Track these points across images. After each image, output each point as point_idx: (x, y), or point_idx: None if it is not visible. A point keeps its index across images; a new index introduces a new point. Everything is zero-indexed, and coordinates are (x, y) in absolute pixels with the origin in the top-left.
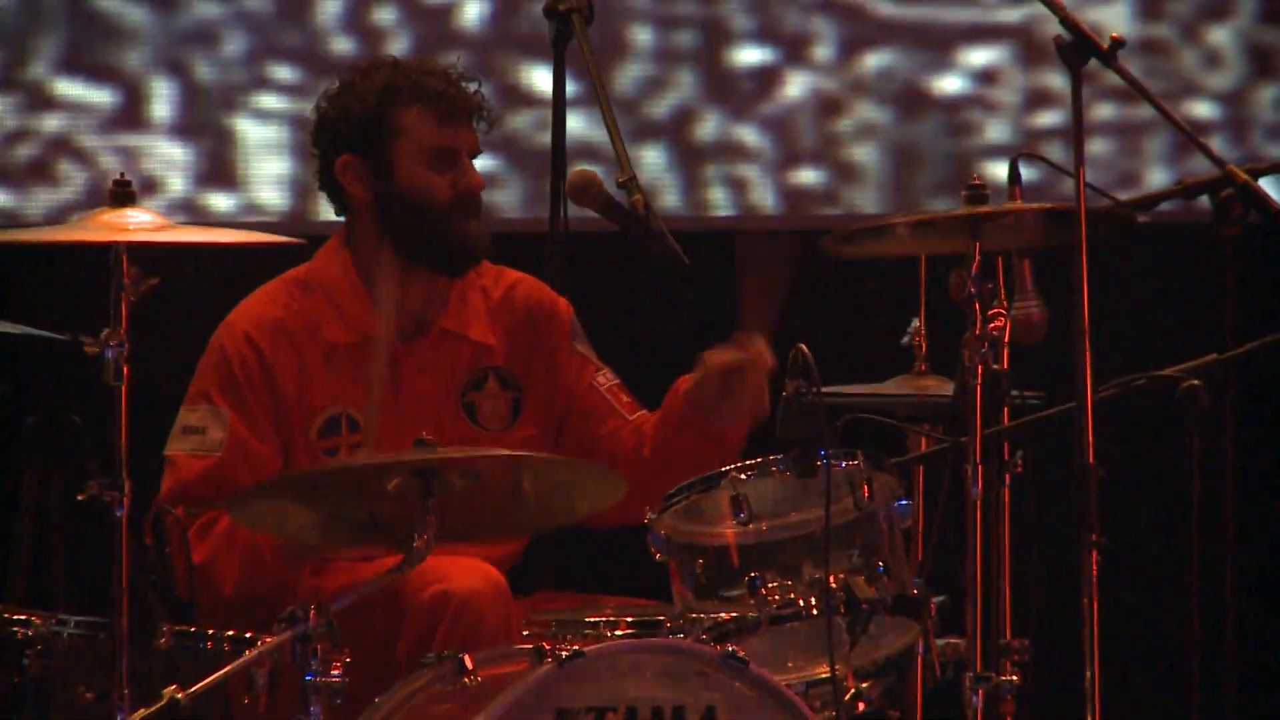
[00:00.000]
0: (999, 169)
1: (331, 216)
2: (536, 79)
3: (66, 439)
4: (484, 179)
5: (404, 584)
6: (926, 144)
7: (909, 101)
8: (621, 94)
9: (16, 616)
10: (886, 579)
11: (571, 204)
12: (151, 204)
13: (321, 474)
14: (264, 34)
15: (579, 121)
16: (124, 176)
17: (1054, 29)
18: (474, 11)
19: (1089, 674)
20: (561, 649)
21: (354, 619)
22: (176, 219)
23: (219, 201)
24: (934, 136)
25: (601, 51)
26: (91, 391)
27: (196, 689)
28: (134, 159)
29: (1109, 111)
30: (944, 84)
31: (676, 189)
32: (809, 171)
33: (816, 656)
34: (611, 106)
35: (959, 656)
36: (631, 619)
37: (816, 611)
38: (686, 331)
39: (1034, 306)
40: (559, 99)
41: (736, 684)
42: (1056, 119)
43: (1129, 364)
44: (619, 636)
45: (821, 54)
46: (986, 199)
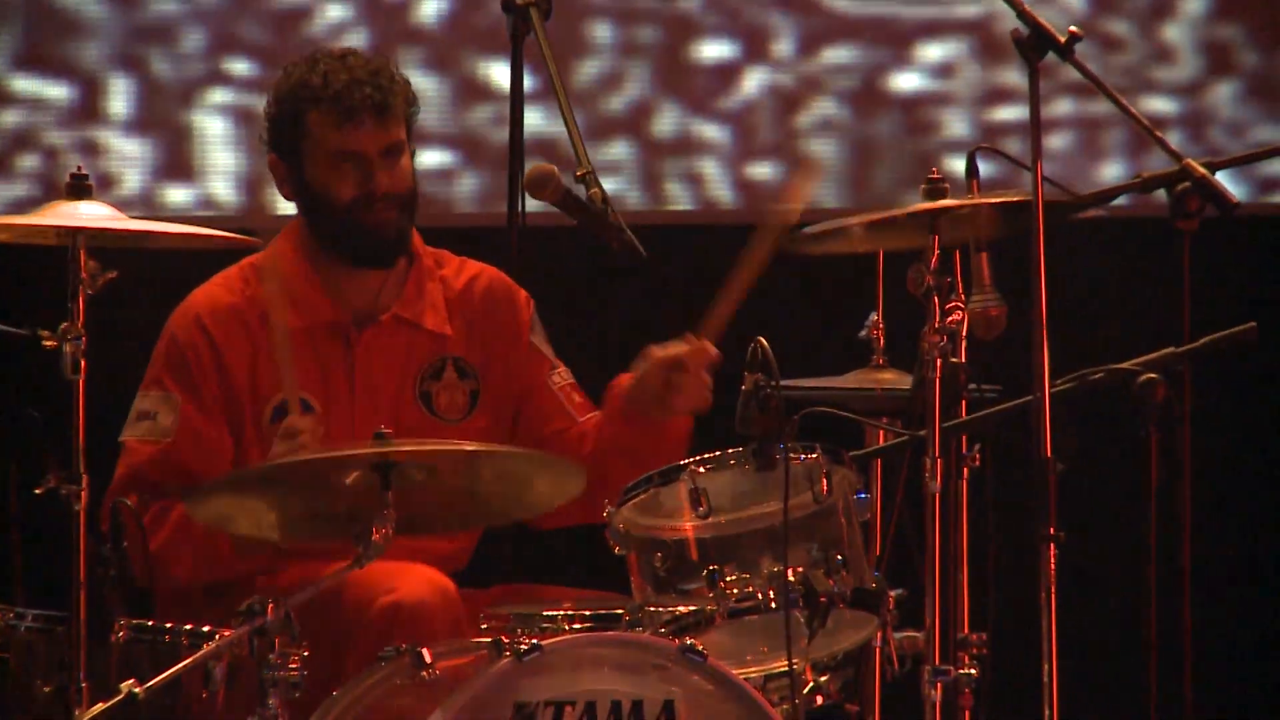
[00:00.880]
0: (958, 163)
1: (283, 210)
2: (494, 74)
3: (24, 433)
4: (412, 172)
5: (353, 596)
6: (885, 139)
7: (867, 97)
8: (581, 88)
9: None
10: (845, 572)
11: (529, 198)
12: (108, 198)
13: (278, 468)
14: (221, 29)
15: (537, 116)
16: (81, 170)
17: (1011, 24)
18: (432, 7)
19: (1047, 667)
20: (520, 643)
21: (303, 631)
22: (133, 213)
23: (175, 195)
24: (893, 131)
25: (560, 46)
26: (49, 385)
27: (154, 683)
28: (91, 154)
29: (1067, 106)
30: (902, 80)
31: (636, 183)
32: (767, 166)
33: (775, 650)
34: (570, 101)
35: (917, 650)
36: (590, 613)
37: (775, 605)
38: (644, 325)
39: (992, 301)
40: (517, 93)
41: (695, 677)
42: (1015, 114)
43: (1086, 357)
44: (577, 630)
45: (781, 49)
46: (945, 193)
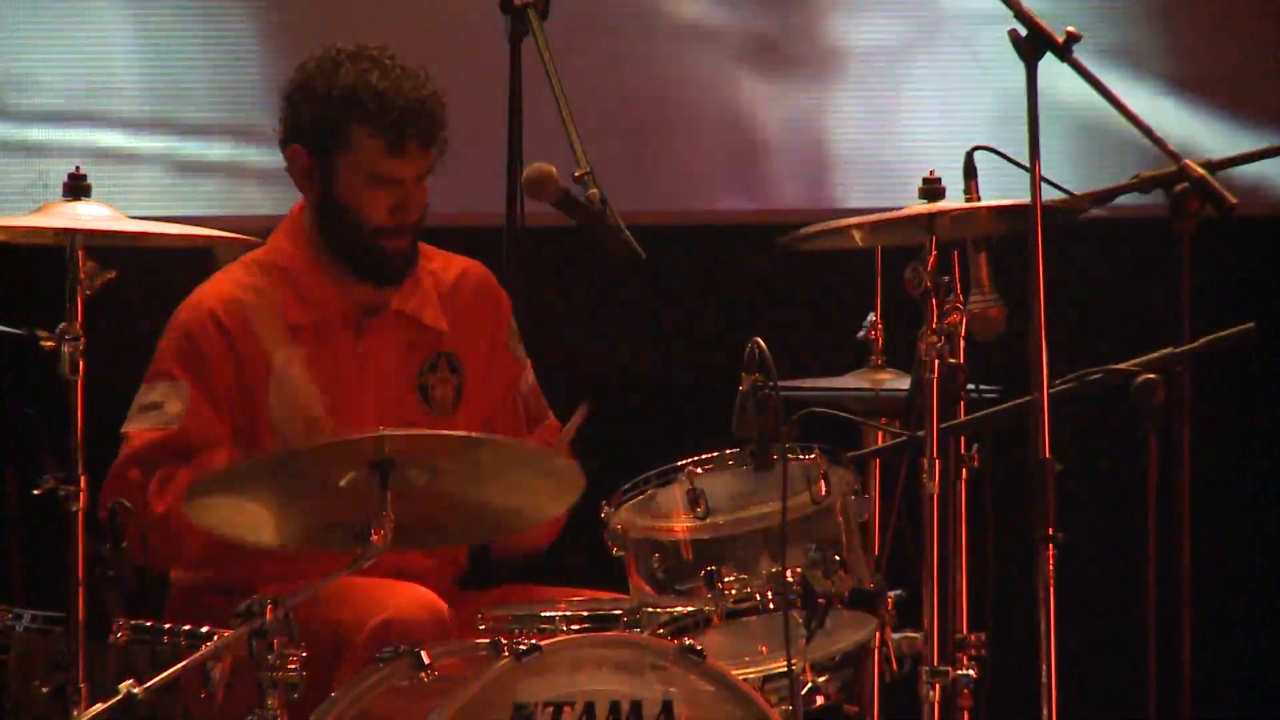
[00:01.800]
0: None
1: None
2: (492, 73)
3: (22, 433)
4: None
5: (345, 615)
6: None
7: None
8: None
9: None
10: (843, 573)
11: (528, 198)
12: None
13: (275, 459)
14: None
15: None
16: (79, 170)
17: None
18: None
19: (1045, 668)
20: (518, 643)
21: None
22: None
23: None
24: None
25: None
26: (47, 385)
27: (153, 684)
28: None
29: (1066, 106)
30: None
31: (631, 184)
32: (769, 165)
33: (774, 650)
34: (567, 101)
35: (916, 650)
36: (588, 613)
37: (774, 605)
38: (642, 326)
39: (991, 301)
40: (515, 94)
41: (693, 677)
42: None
43: (1085, 358)
44: (576, 631)
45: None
46: (943, 194)
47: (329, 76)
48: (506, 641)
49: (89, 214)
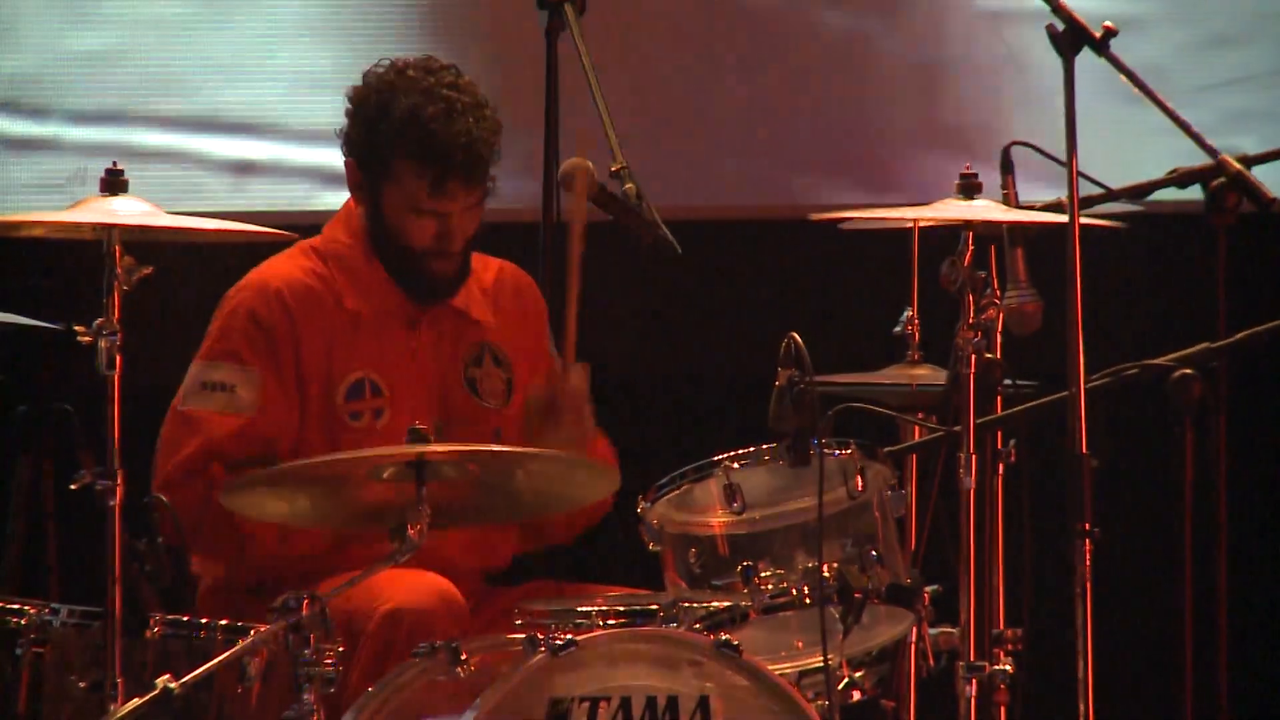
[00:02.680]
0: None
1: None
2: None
3: (59, 428)
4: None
5: (355, 604)
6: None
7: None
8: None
9: (9, 606)
10: (880, 568)
11: (564, 193)
12: None
13: (320, 464)
14: None
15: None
16: (116, 165)
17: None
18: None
19: (1082, 663)
20: (555, 638)
21: None
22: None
23: None
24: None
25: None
26: (84, 381)
27: (189, 678)
28: None
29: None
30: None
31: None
32: (796, 160)
33: (810, 645)
34: (604, 96)
35: (952, 646)
36: (624, 608)
37: (810, 600)
38: (678, 321)
39: (1028, 296)
40: (551, 90)
41: (730, 673)
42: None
43: (1122, 353)
44: (612, 626)
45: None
46: (980, 189)
47: (385, 103)
48: (543, 637)
49: (126, 209)
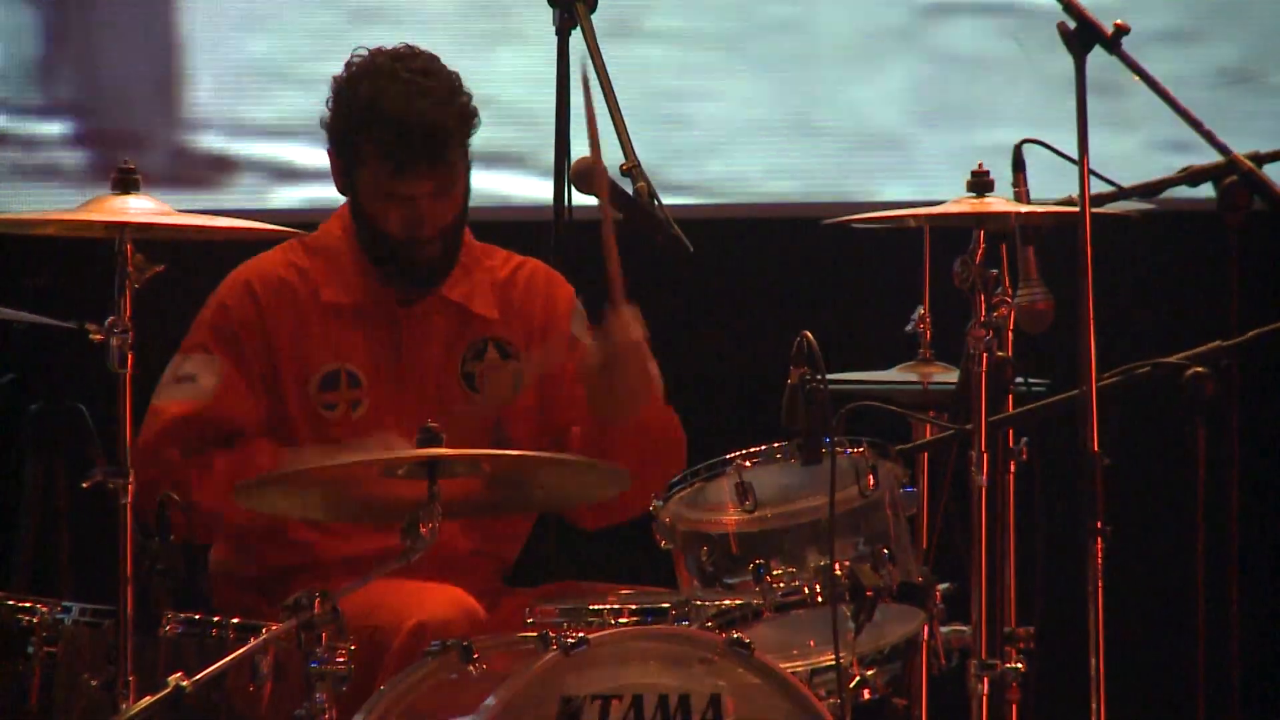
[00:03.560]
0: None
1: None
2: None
3: (71, 427)
4: (463, 195)
5: (381, 618)
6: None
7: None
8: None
9: (21, 604)
10: (891, 566)
11: (576, 192)
12: None
13: (328, 469)
14: None
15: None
16: (128, 164)
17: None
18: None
19: (1094, 661)
20: (566, 636)
21: None
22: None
23: None
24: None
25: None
26: (96, 379)
27: (201, 677)
28: None
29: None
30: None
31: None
32: (814, 157)
33: (822, 644)
34: (615, 94)
35: (964, 644)
36: (636, 606)
37: (822, 599)
38: (690, 319)
39: (1039, 294)
40: (563, 88)
41: (742, 671)
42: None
43: (1134, 351)
44: (624, 624)
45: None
46: (991, 187)
47: (353, 89)
48: (554, 635)
49: (138, 207)
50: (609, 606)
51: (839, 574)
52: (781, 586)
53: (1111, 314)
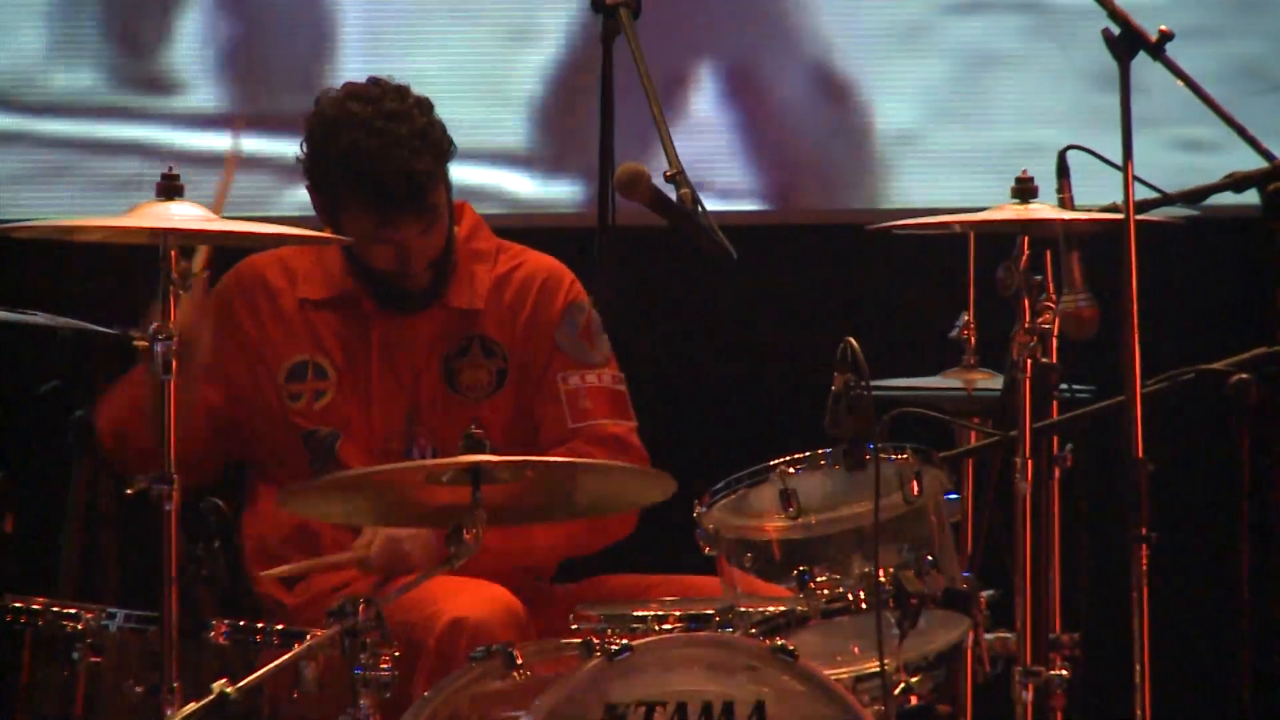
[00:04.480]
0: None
1: None
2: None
3: None
4: (448, 224)
5: (414, 619)
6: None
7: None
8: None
9: (67, 610)
10: (936, 573)
11: (620, 198)
12: None
13: (376, 473)
14: None
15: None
16: (172, 170)
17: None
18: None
19: (1138, 668)
20: (610, 643)
21: None
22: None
23: None
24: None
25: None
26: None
27: (246, 683)
28: None
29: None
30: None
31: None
32: (854, 163)
33: (866, 650)
34: (659, 100)
35: (1009, 651)
36: (680, 613)
37: (866, 605)
38: (735, 325)
39: (1084, 301)
40: (607, 95)
41: (786, 677)
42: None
43: (1178, 357)
44: (668, 631)
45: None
46: (1036, 193)
47: (328, 138)
48: (598, 641)
49: (181, 214)
50: (653, 613)
51: (883, 580)
52: (826, 593)
53: (1155, 320)
